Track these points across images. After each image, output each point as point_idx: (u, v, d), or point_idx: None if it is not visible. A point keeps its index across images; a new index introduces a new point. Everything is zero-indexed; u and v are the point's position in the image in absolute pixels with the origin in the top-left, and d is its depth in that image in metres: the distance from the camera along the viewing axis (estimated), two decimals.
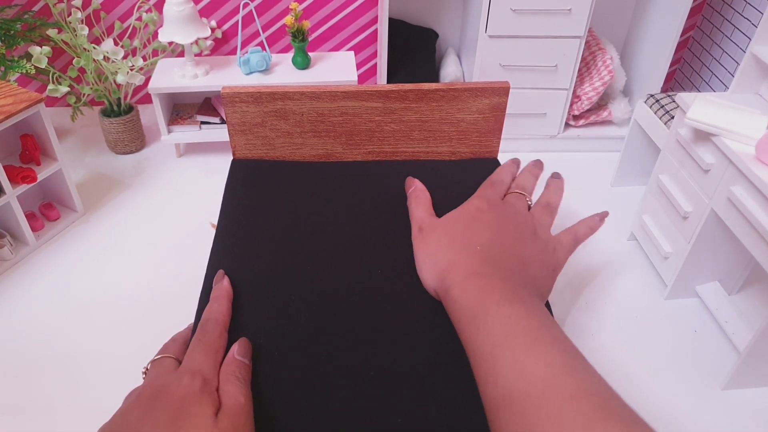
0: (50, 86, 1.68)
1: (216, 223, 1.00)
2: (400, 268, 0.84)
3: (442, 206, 0.97)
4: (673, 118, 1.48)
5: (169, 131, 1.83)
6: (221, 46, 2.06)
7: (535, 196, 0.72)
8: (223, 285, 0.76)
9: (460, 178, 1.06)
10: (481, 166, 1.10)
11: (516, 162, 0.82)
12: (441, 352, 0.63)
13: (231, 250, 0.91)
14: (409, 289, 0.79)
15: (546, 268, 0.56)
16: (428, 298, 0.77)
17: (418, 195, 0.76)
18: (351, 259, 0.86)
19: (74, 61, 1.75)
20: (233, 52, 2.07)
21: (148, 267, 1.49)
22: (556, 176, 0.76)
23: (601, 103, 1.96)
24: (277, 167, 1.09)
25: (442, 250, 0.59)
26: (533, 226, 0.60)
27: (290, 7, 1.75)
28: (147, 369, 0.56)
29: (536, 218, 0.63)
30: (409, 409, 0.56)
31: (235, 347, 0.61)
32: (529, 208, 0.68)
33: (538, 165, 0.81)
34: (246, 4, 1.94)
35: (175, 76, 1.77)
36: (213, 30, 2.00)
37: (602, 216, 0.71)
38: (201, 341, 0.59)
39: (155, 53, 1.94)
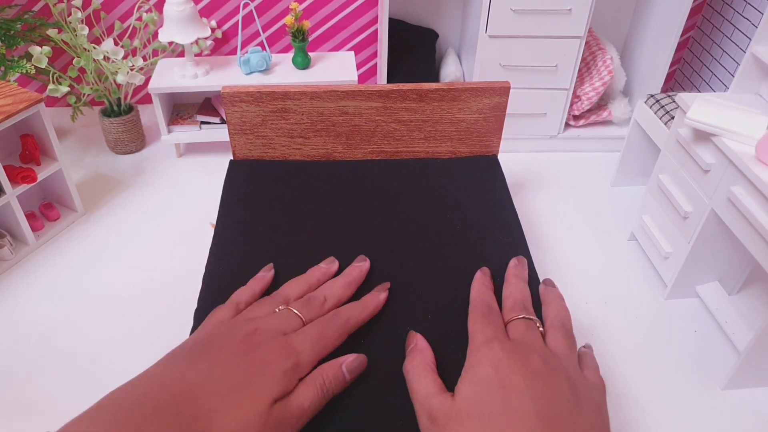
0: (50, 86, 1.68)
1: (215, 223, 1.00)
2: (399, 268, 0.84)
3: (443, 206, 0.97)
4: (673, 118, 1.48)
5: (169, 131, 1.83)
6: (221, 46, 2.06)
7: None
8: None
9: (460, 176, 1.06)
10: (481, 164, 1.10)
11: (486, 273, 0.71)
12: (441, 352, 0.63)
13: (230, 250, 0.91)
14: (409, 288, 0.79)
15: (596, 422, 0.47)
16: (427, 298, 0.77)
17: (416, 362, 0.59)
18: (350, 259, 0.86)
19: (74, 61, 1.75)
20: (233, 52, 2.07)
21: (148, 267, 1.49)
22: (548, 284, 0.66)
23: (601, 103, 1.96)
24: (276, 167, 1.09)
25: None
26: (566, 375, 0.49)
27: (290, 7, 1.75)
28: (280, 310, 0.56)
29: (561, 357, 0.53)
30: (410, 409, 0.56)
31: (349, 358, 0.57)
32: (542, 334, 0.58)
33: (522, 265, 0.71)
34: (246, 4, 1.94)
35: (175, 76, 1.77)
36: (213, 30, 2.00)
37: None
38: (323, 334, 0.56)
39: (155, 53, 1.95)
